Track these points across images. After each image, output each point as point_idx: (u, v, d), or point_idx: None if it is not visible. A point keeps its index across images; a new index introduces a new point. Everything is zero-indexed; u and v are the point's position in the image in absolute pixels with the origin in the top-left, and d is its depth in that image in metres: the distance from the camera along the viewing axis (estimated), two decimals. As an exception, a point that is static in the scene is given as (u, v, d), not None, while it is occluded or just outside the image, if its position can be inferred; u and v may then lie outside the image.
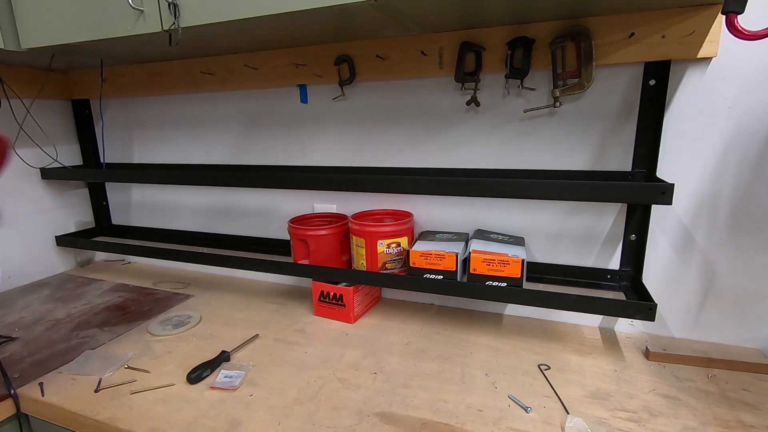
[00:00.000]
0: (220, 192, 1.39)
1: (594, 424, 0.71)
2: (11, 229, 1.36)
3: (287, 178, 1.12)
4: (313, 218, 1.21)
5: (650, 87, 0.87)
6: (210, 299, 1.25)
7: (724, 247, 0.90)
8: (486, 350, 0.95)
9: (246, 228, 1.38)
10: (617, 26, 0.85)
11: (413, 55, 1.00)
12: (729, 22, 0.62)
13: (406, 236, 1.04)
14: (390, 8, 0.75)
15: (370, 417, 0.75)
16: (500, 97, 1.00)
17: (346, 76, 1.09)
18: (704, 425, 0.71)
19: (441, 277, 0.96)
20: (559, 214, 1.01)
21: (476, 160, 1.05)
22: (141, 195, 1.53)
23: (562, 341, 0.97)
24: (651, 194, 0.78)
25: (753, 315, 0.90)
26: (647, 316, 0.81)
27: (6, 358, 0.96)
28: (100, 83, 1.41)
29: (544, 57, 0.91)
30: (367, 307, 1.15)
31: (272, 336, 1.03)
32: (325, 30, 0.93)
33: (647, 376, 0.84)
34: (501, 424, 0.72)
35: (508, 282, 0.91)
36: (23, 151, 1.37)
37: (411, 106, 1.08)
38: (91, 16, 0.92)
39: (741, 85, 0.83)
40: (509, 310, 1.11)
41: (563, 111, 0.96)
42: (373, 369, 0.89)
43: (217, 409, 0.78)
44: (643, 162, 0.91)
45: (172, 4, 0.83)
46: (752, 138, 0.84)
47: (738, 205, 0.88)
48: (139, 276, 1.45)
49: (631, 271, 0.97)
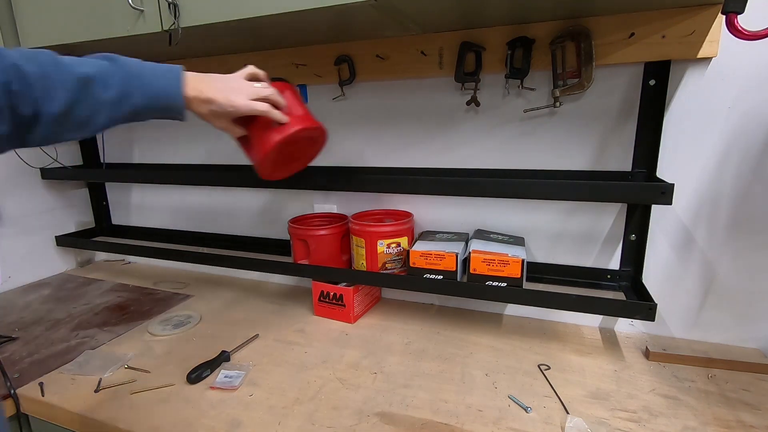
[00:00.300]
0: (220, 192, 1.39)
1: (594, 424, 0.71)
2: (11, 229, 1.36)
3: (287, 178, 1.12)
4: (313, 218, 1.21)
5: (650, 87, 0.87)
6: (210, 299, 1.25)
7: (724, 247, 0.90)
8: (486, 350, 0.95)
9: (246, 228, 1.38)
10: (617, 26, 0.85)
11: (413, 55, 1.00)
12: (729, 22, 0.62)
13: (406, 236, 1.04)
14: (390, 8, 0.75)
15: (370, 417, 0.75)
16: (500, 97, 1.00)
17: (346, 76, 1.09)
18: (704, 425, 0.71)
19: (441, 277, 0.96)
20: (559, 214, 1.01)
21: (476, 160, 1.05)
22: (141, 195, 1.53)
23: (562, 341, 0.97)
24: (651, 194, 0.78)
25: (753, 315, 0.90)
26: (647, 316, 0.81)
27: (6, 358, 0.95)
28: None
29: (544, 57, 0.91)
30: (367, 307, 1.15)
31: (272, 336, 1.03)
32: (325, 30, 0.93)
33: (647, 376, 0.84)
34: (501, 424, 0.72)
35: (508, 282, 0.91)
36: (23, 151, 1.37)
37: (411, 106, 1.08)
38: (91, 16, 0.92)
39: (741, 85, 0.83)
40: (509, 310, 1.11)
41: (563, 111, 0.96)
42: (373, 369, 0.89)
43: (217, 409, 0.78)
44: (643, 162, 0.91)
45: (172, 4, 0.83)
46: (752, 138, 0.84)
47: (738, 205, 0.88)
48: (139, 276, 1.45)
49: (631, 271, 0.97)
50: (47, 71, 0.54)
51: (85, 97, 0.57)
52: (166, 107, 0.65)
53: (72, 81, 0.56)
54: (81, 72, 0.57)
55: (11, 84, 0.52)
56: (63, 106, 0.56)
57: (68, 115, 0.57)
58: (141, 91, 0.62)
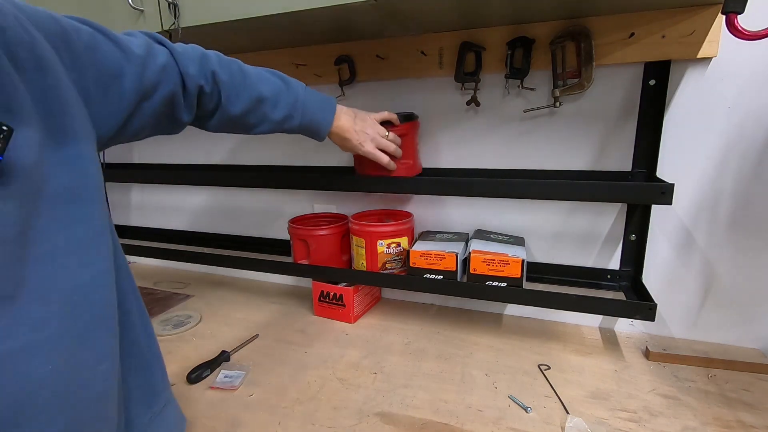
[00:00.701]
0: (220, 192, 1.39)
1: (594, 424, 0.71)
2: (11, 229, 1.36)
3: (287, 178, 1.12)
4: (313, 218, 1.21)
5: (650, 87, 0.87)
6: (210, 299, 1.25)
7: (724, 247, 0.90)
8: (486, 350, 0.95)
9: (246, 228, 1.38)
10: (617, 26, 0.85)
11: (413, 55, 1.00)
12: (729, 22, 0.62)
13: (406, 236, 1.04)
14: (390, 8, 0.75)
15: (370, 417, 0.75)
16: (500, 97, 1.00)
17: (346, 76, 1.09)
18: (704, 425, 0.71)
19: (441, 277, 0.96)
20: (559, 214, 1.01)
21: (476, 160, 1.05)
22: (141, 195, 1.53)
23: (562, 341, 0.97)
24: (651, 194, 0.78)
25: (753, 315, 0.90)
26: (647, 316, 0.81)
27: (6, 358, 0.95)
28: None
29: (544, 57, 0.91)
30: (367, 307, 1.15)
31: (272, 336, 1.03)
32: (325, 30, 0.93)
33: (647, 376, 0.84)
34: (501, 424, 0.72)
35: (508, 282, 0.91)
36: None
37: (411, 106, 1.08)
38: (90, 16, 0.91)
39: (741, 85, 0.83)
40: (509, 310, 1.11)
41: (563, 111, 0.96)
42: (373, 369, 0.89)
43: (217, 409, 0.78)
44: (643, 162, 0.91)
45: (172, 4, 0.83)
46: (752, 138, 0.84)
47: (738, 205, 0.88)
48: (139, 276, 1.45)
49: (631, 271, 0.97)
50: (236, 81, 0.67)
51: (256, 110, 0.70)
52: (314, 132, 0.79)
53: (251, 95, 0.69)
54: (260, 91, 0.69)
55: (206, 87, 0.63)
56: (238, 111, 0.68)
57: (240, 118, 0.70)
58: (301, 116, 0.75)
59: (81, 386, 0.43)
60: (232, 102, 0.67)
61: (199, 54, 0.62)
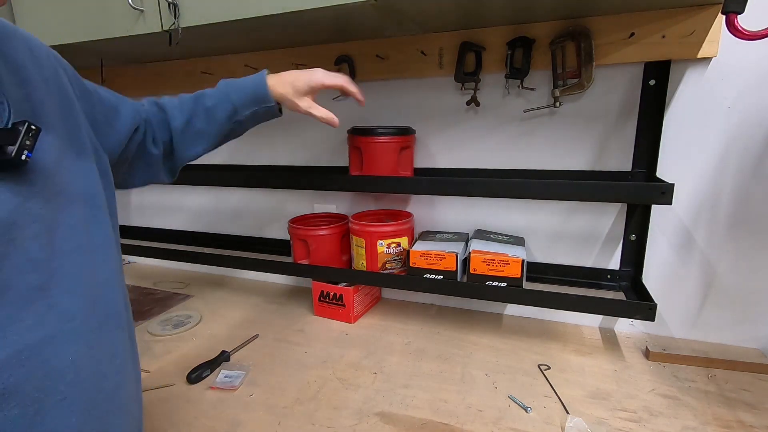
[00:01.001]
0: (220, 192, 1.39)
1: (594, 424, 0.71)
2: (11, 229, 1.36)
3: (287, 178, 1.12)
4: (313, 218, 1.21)
5: (650, 87, 0.87)
6: (210, 299, 1.25)
7: (724, 247, 0.90)
8: (486, 350, 0.95)
9: (246, 228, 1.38)
10: (617, 26, 0.85)
11: (413, 55, 1.00)
12: (729, 22, 0.62)
13: (406, 236, 1.04)
14: (390, 8, 0.75)
15: (370, 417, 0.75)
16: (500, 97, 0.99)
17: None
18: (704, 425, 0.71)
19: (441, 277, 0.96)
20: (559, 214, 1.01)
21: (476, 160, 1.05)
22: (141, 195, 1.53)
23: (562, 341, 0.97)
24: (651, 194, 0.78)
25: (753, 315, 0.90)
26: (647, 316, 0.81)
27: (6, 358, 0.95)
28: (100, 83, 1.40)
29: (544, 57, 0.91)
30: (367, 307, 1.15)
31: (272, 336, 1.03)
32: (325, 30, 0.93)
33: (647, 376, 0.84)
34: (501, 424, 0.72)
35: (508, 282, 0.91)
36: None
37: (411, 106, 1.08)
38: (90, 17, 0.92)
39: (741, 85, 0.83)
40: (509, 310, 1.11)
41: (563, 111, 0.95)
42: (373, 369, 0.89)
43: (217, 409, 0.78)
44: (643, 162, 0.91)
45: (172, 4, 0.83)
46: (752, 138, 0.84)
47: (738, 205, 0.88)
48: (139, 276, 1.45)
49: (631, 271, 0.97)
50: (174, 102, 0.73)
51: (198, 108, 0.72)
52: (255, 95, 0.75)
53: (189, 104, 0.72)
54: (194, 95, 0.73)
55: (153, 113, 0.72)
56: (184, 120, 0.72)
57: (189, 125, 0.72)
58: (235, 91, 0.74)
59: (99, 377, 0.46)
60: (176, 117, 0.72)
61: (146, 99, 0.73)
